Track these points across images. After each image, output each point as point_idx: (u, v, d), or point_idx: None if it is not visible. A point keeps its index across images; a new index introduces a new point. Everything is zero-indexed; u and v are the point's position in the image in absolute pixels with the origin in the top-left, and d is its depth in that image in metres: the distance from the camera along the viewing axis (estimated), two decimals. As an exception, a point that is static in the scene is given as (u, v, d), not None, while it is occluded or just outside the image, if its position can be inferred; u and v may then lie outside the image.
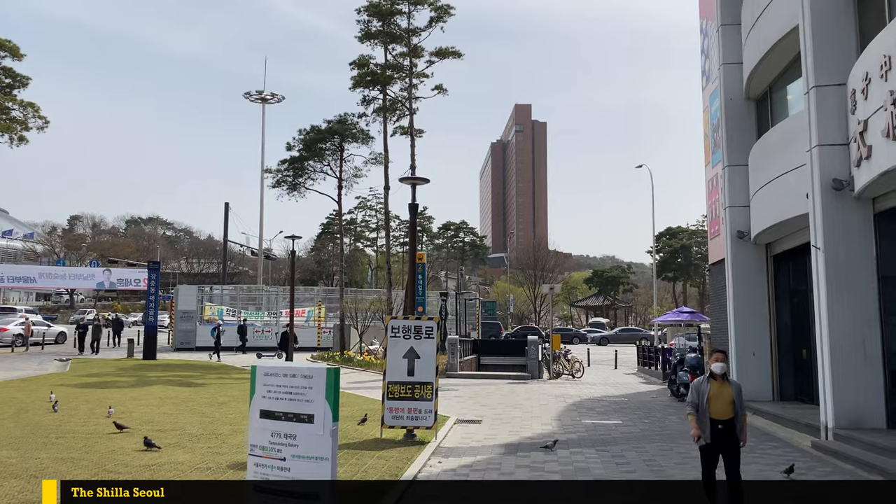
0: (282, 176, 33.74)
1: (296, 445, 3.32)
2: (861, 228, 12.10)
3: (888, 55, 10.14)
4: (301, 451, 3.29)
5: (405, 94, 34.01)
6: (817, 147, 12.30)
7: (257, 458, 3.48)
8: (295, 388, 3.39)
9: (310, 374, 3.37)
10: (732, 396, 7.37)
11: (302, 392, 3.33)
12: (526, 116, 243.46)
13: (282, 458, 3.35)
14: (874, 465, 9.70)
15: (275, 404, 3.42)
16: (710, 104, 20.18)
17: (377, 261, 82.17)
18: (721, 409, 7.34)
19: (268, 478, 3.38)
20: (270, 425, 3.44)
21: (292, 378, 3.40)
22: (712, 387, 7.40)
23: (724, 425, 7.34)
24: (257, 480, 3.42)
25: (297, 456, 3.31)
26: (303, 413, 3.30)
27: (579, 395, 19.60)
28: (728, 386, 7.42)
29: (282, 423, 3.37)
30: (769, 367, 16.98)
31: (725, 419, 7.34)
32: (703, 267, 74.48)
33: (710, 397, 7.34)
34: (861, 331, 11.89)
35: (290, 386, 3.39)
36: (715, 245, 20.17)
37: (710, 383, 7.42)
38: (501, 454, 11.00)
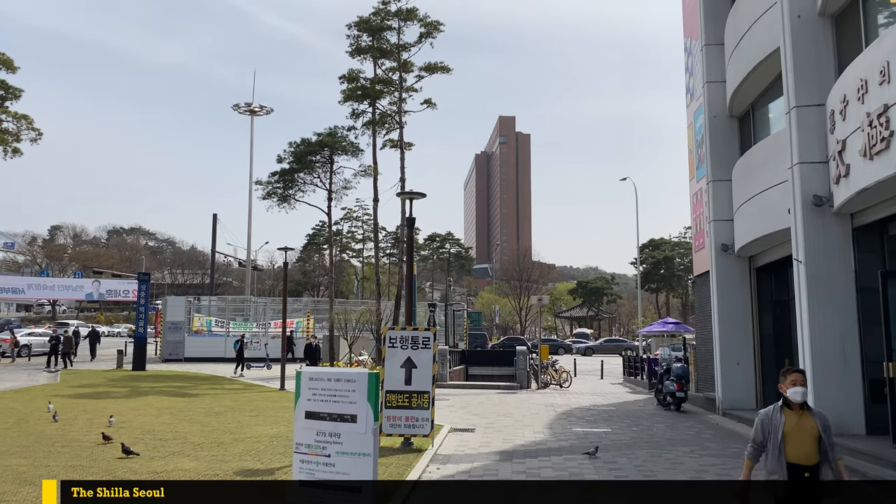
0: (272, 188, 34.01)
1: (340, 443, 3.66)
2: (840, 242, 12.64)
3: (864, 79, 10.69)
4: (345, 448, 3.63)
5: (394, 108, 34.41)
6: (798, 164, 12.85)
7: (303, 455, 3.81)
8: (339, 391, 3.73)
9: (353, 377, 3.72)
10: (818, 432, 5.40)
11: (345, 394, 3.67)
12: (510, 128, 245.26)
13: (327, 455, 3.69)
14: (855, 469, 10.14)
15: (320, 406, 3.76)
16: (695, 120, 20.77)
17: (363, 272, 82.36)
18: (804, 449, 5.36)
19: (314, 473, 3.71)
20: (315, 425, 3.78)
21: (336, 382, 3.75)
22: (788, 419, 5.42)
23: (810, 473, 5.35)
24: (303, 479, 3.75)
25: (342, 452, 3.64)
26: (346, 413, 3.64)
27: (568, 405, 20.00)
28: (810, 417, 5.45)
29: (326, 423, 3.70)
30: (752, 375, 17.49)
31: (811, 464, 5.35)
32: (685, 278, 75.47)
33: (785, 433, 5.39)
34: (841, 340, 12.40)
35: (335, 389, 3.74)
36: (700, 257, 20.71)
37: (786, 414, 5.45)
38: (497, 461, 11.35)
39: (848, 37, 12.83)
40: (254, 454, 11.33)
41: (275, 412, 16.75)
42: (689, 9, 21.35)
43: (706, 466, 10.84)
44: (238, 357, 29.48)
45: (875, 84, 10.34)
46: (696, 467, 10.75)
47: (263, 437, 13.06)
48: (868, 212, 12.20)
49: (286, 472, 9.95)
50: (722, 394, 17.59)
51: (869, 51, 10.90)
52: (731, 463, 11.14)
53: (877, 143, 10.25)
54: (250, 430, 13.92)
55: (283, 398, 20.20)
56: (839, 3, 12.85)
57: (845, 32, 12.96)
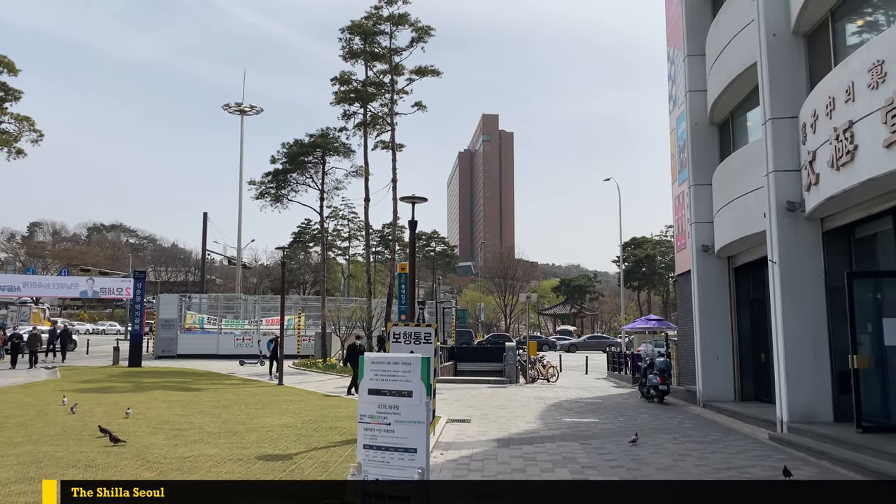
0: (266, 188, 34.72)
1: (398, 413, 4.47)
2: (811, 245, 13.67)
3: (832, 96, 11.69)
4: (403, 417, 4.44)
5: (386, 110, 35.22)
6: (773, 172, 13.86)
7: (367, 424, 4.63)
8: (397, 372, 4.57)
9: (409, 361, 4.54)
10: None
11: (403, 375, 4.52)
12: (493, 126, 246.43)
13: (387, 423, 4.51)
14: (823, 453, 11.16)
15: (381, 384, 4.58)
16: (677, 126, 21.80)
17: (349, 269, 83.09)
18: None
19: (376, 439, 4.56)
20: (377, 400, 4.60)
21: (395, 365, 4.57)
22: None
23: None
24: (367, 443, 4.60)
25: (400, 421, 4.47)
26: (404, 390, 4.49)
27: (556, 398, 20.96)
28: None
29: (387, 397, 4.54)
30: (731, 369, 18.55)
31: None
32: (666, 276, 76.86)
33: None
34: (812, 336, 13.43)
35: (394, 370, 4.55)
36: (681, 257, 21.76)
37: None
38: (495, 447, 12.24)
39: (819, 55, 13.85)
40: (269, 442, 12.14)
41: (279, 405, 17.53)
42: (673, 20, 22.38)
43: (688, 451, 11.79)
44: (272, 357, 27.64)
45: (841, 102, 11.35)
46: (679, 451, 11.70)
47: (274, 426, 13.86)
48: (836, 217, 13.23)
49: (303, 456, 10.81)
50: (702, 387, 18.63)
51: (836, 70, 11.90)
52: (710, 448, 12.11)
53: (843, 155, 11.26)
54: (260, 420, 14.71)
55: (283, 392, 20.97)
56: (811, 23, 13.87)
57: (817, 51, 13.98)
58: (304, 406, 17.49)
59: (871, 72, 10.48)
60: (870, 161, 10.57)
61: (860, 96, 10.79)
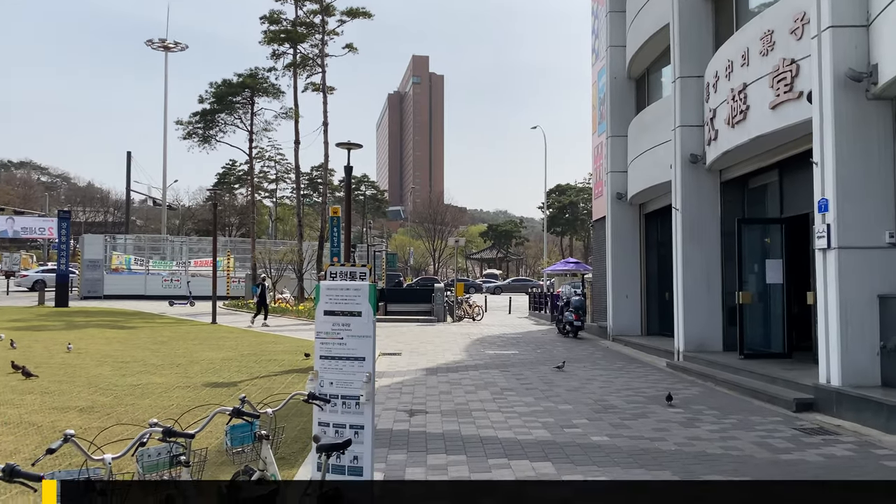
0: (193, 128, 34.33)
1: (350, 329, 5.40)
2: (710, 194, 15.19)
3: (731, 60, 12.98)
4: (354, 333, 5.35)
5: (316, 51, 35.12)
6: (680, 127, 15.22)
7: (323, 339, 5.57)
8: (349, 296, 5.50)
9: (358, 287, 5.49)
10: None
11: (354, 298, 5.45)
12: (423, 68, 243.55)
13: (340, 338, 5.42)
14: (709, 376, 12.81)
15: (335, 306, 5.48)
16: (598, 80, 22.99)
17: (276, 212, 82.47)
18: None
19: (331, 351, 5.54)
20: (332, 319, 5.50)
21: (346, 290, 5.50)
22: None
23: None
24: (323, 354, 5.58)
25: (351, 336, 5.40)
26: (354, 310, 5.45)
27: (481, 334, 22.41)
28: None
29: (340, 317, 5.48)
30: (638, 306, 20.30)
31: None
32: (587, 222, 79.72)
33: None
34: (707, 275, 15.07)
35: (345, 295, 5.48)
36: (598, 204, 23.26)
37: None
38: (424, 375, 13.43)
39: (724, 19, 15.12)
40: (212, 372, 12.96)
41: (216, 341, 18.25)
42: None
43: (595, 377, 13.28)
44: (259, 304, 25.45)
45: (738, 65, 12.64)
46: (587, 377, 13.17)
47: (215, 359, 14.65)
48: (732, 169, 14.74)
49: (247, 384, 11.71)
50: (612, 322, 20.36)
51: (735, 36, 13.17)
52: (614, 374, 13.64)
53: (737, 114, 12.61)
54: (200, 354, 15.44)
55: (218, 330, 21.63)
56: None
57: (722, 15, 15.24)
58: (241, 342, 18.26)
59: (762, 40, 11.76)
60: (759, 120, 11.94)
61: (753, 62, 12.08)
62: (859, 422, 8.60)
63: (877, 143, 9.38)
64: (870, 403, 8.54)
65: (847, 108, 9.37)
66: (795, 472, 6.48)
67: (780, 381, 10.78)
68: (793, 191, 12.87)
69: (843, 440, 7.81)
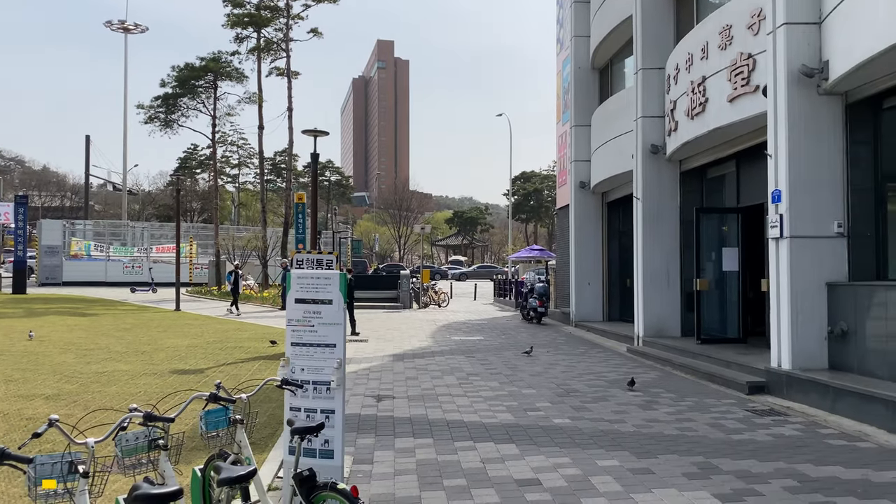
0: (155, 112, 33.77)
1: (321, 317, 5.55)
2: (670, 184, 15.58)
3: (691, 53, 13.31)
4: (325, 320, 5.48)
5: (281, 35, 34.76)
6: (641, 118, 15.55)
7: (294, 326, 5.69)
8: (320, 284, 5.63)
9: (329, 276, 5.61)
10: None
11: (325, 286, 5.58)
12: (389, 53, 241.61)
13: (311, 325, 5.56)
14: (667, 360, 13.23)
15: (306, 294, 5.62)
16: (563, 69, 23.26)
17: (239, 198, 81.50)
18: None
19: (302, 338, 5.67)
20: (303, 307, 5.61)
21: (318, 279, 5.63)
22: None
23: None
24: (294, 341, 5.72)
25: (322, 323, 5.54)
26: (325, 299, 5.59)
27: (447, 320, 22.65)
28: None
29: (311, 305, 5.62)
30: (601, 293, 20.74)
31: None
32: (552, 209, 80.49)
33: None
34: (666, 263, 15.49)
35: (316, 283, 5.60)
36: (562, 192, 23.61)
37: None
38: (391, 360, 13.61)
39: (685, 12, 15.46)
40: (178, 359, 12.95)
41: (181, 328, 18.16)
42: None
43: (557, 361, 13.60)
44: (233, 292, 25.13)
45: (698, 58, 12.98)
46: (550, 361, 13.49)
47: (180, 346, 14.63)
48: (691, 159, 15.13)
49: (214, 371, 11.75)
50: (575, 309, 20.76)
51: (696, 30, 13.50)
52: (577, 359, 13.99)
53: (696, 106, 12.96)
54: (164, 342, 15.39)
55: (182, 318, 21.49)
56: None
57: (683, 8, 15.57)
58: (205, 329, 18.21)
59: (721, 34, 12.09)
60: (717, 113, 12.28)
61: (712, 55, 12.42)
62: (807, 403, 9.03)
63: (827, 137, 9.77)
64: (817, 386, 8.96)
65: (800, 102, 9.74)
66: (745, 451, 6.82)
67: (735, 366, 11.20)
68: (749, 181, 13.28)
69: (791, 421, 8.21)
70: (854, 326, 9.23)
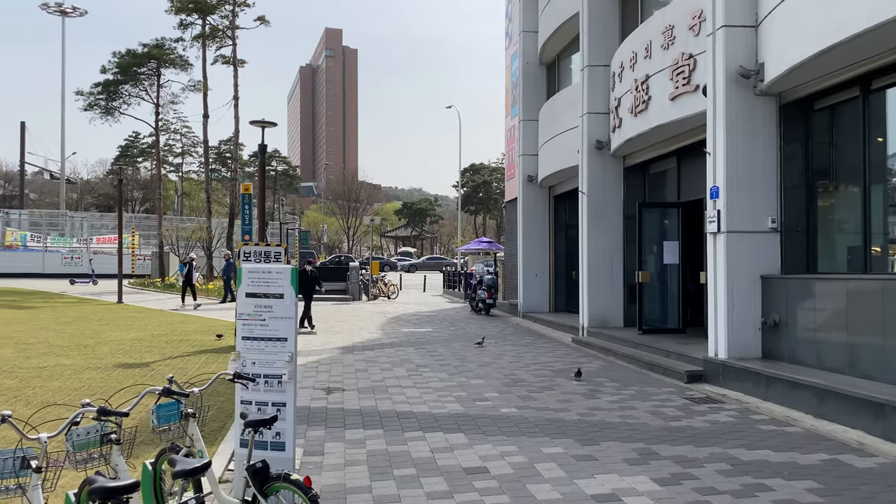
0: (95, 99, 32.79)
1: (272, 311, 5.59)
2: (614, 179, 15.99)
3: (635, 52, 13.67)
4: (276, 314, 5.50)
5: (227, 23, 34.12)
6: (587, 114, 15.89)
7: (245, 320, 5.71)
8: (271, 279, 5.66)
9: (280, 270, 5.64)
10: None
11: (276, 280, 5.62)
12: (337, 41, 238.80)
13: (263, 319, 5.60)
14: (610, 350, 13.61)
15: (257, 289, 5.65)
16: (512, 64, 23.51)
17: (182, 187, 79.69)
18: None
19: (253, 332, 5.70)
20: (254, 301, 5.65)
21: (269, 273, 5.67)
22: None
23: None
24: (245, 335, 5.74)
25: (274, 317, 5.58)
26: (277, 293, 5.63)
27: (396, 312, 22.74)
28: None
29: (262, 299, 5.65)
30: (547, 285, 21.14)
31: None
32: (501, 201, 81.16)
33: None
34: (610, 256, 15.90)
35: (268, 278, 5.63)
36: (511, 185, 23.91)
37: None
38: (340, 353, 13.64)
39: (630, 11, 15.83)
40: (123, 353, 12.73)
41: (124, 321, 17.80)
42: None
43: (505, 352, 13.86)
44: (186, 283, 24.49)
45: (642, 57, 13.34)
46: (498, 352, 13.73)
47: (124, 340, 14.36)
48: (635, 155, 15.54)
49: (160, 364, 11.61)
50: (523, 300, 21.12)
51: (640, 29, 13.86)
52: (524, 349, 14.26)
53: (640, 104, 13.33)
54: (108, 335, 15.08)
55: (125, 310, 21.03)
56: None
57: (629, 7, 15.94)
58: (149, 322, 17.89)
59: (664, 34, 12.46)
60: (659, 110, 12.67)
61: (655, 54, 12.79)
62: (742, 391, 9.46)
63: (762, 136, 10.19)
64: (751, 374, 9.40)
65: (737, 102, 10.13)
66: (683, 437, 7.14)
67: (674, 355, 11.62)
68: (689, 177, 13.74)
69: (726, 408, 8.61)
70: (786, 317, 9.69)
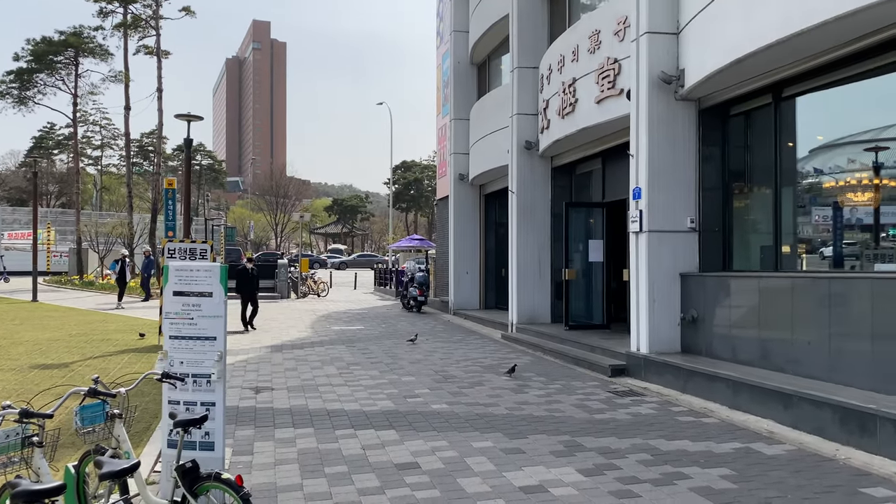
0: (7, 87, 31.18)
1: (200, 310, 5.49)
2: (542, 179, 16.34)
3: (563, 55, 14.01)
4: (205, 313, 5.40)
5: (150, 12, 33.03)
6: (516, 115, 16.18)
7: (172, 319, 5.60)
8: (199, 277, 5.55)
9: (209, 268, 5.55)
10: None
11: (205, 279, 5.53)
12: (265, 34, 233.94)
13: (191, 318, 5.48)
14: (538, 345, 13.92)
15: (185, 287, 5.53)
16: (443, 62, 23.66)
17: (101, 181, 76.61)
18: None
19: (181, 331, 5.59)
20: (182, 300, 5.53)
21: (196, 271, 5.56)
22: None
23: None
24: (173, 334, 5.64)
25: (202, 316, 5.47)
26: (205, 291, 5.55)
27: (326, 310, 22.57)
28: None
29: (190, 297, 5.54)
30: (478, 282, 21.41)
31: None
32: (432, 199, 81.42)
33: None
34: (538, 254, 16.25)
35: (196, 276, 5.50)
36: (442, 183, 24.07)
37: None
38: (269, 352, 13.47)
39: (558, 14, 16.19)
40: (39, 353, 12.22)
41: (39, 321, 17.06)
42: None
43: (436, 348, 13.98)
44: (119, 282, 23.75)
45: (569, 60, 13.68)
46: (429, 349, 13.84)
47: (41, 340, 13.78)
48: (562, 156, 15.92)
49: (80, 364, 11.22)
50: (454, 297, 21.32)
51: (567, 33, 14.20)
52: (454, 346, 14.42)
53: (567, 106, 13.67)
54: (22, 335, 14.44)
55: (40, 308, 20.16)
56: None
57: (556, 10, 16.31)
58: (67, 321, 17.21)
59: (590, 38, 12.81)
60: (586, 113, 13.02)
61: (582, 58, 13.14)
62: (662, 384, 9.86)
63: (682, 139, 10.63)
64: (670, 368, 9.81)
65: (659, 106, 10.53)
66: (606, 430, 7.42)
67: (599, 350, 12.00)
68: (613, 178, 14.18)
69: (647, 400, 8.96)
70: (703, 313, 10.16)
